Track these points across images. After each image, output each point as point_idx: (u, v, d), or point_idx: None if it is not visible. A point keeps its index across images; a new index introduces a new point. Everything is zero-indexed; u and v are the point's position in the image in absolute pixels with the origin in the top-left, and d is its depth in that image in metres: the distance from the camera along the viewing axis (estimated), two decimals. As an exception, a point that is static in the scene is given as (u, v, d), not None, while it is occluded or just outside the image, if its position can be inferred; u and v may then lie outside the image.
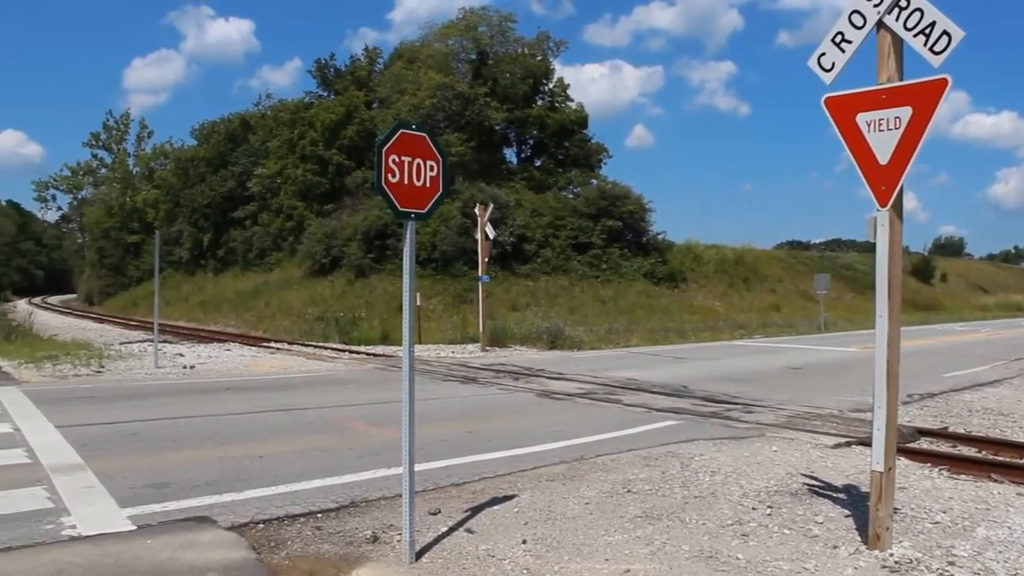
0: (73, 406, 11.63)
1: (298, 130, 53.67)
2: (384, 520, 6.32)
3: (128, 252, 74.58)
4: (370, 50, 61.53)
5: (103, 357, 18.79)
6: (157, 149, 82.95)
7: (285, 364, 19.65)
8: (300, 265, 47.00)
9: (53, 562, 5.26)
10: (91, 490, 6.92)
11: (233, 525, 6.11)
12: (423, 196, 5.55)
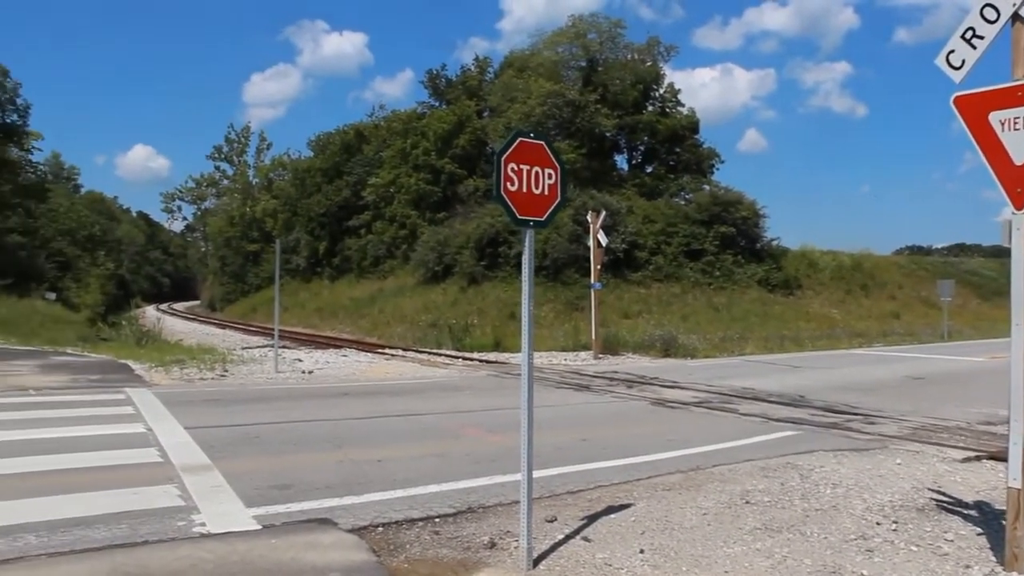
0: (200, 408, 12.04)
1: (411, 140, 54.51)
2: (501, 526, 6.35)
3: (248, 260, 76.95)
4: (480, 60, 62.20)
5: (227, 361, 19.41)
6: (275, 160, 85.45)
7: (400, 370, 19.96)
8: (413, 273, 47.67)
9: (186, 557, 5.46)
10: (218, 490, 7.14)
11: (353, 528, 6.22)
12: (542, 204, 5.56)
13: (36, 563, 5.32)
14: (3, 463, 7.94)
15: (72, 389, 14.04)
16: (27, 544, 5.64)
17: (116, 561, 5.37)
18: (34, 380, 14.92)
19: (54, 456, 8.29)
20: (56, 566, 5.28)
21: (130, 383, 14.88)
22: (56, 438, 9.26)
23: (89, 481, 7.35)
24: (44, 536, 5.79)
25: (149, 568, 5.26)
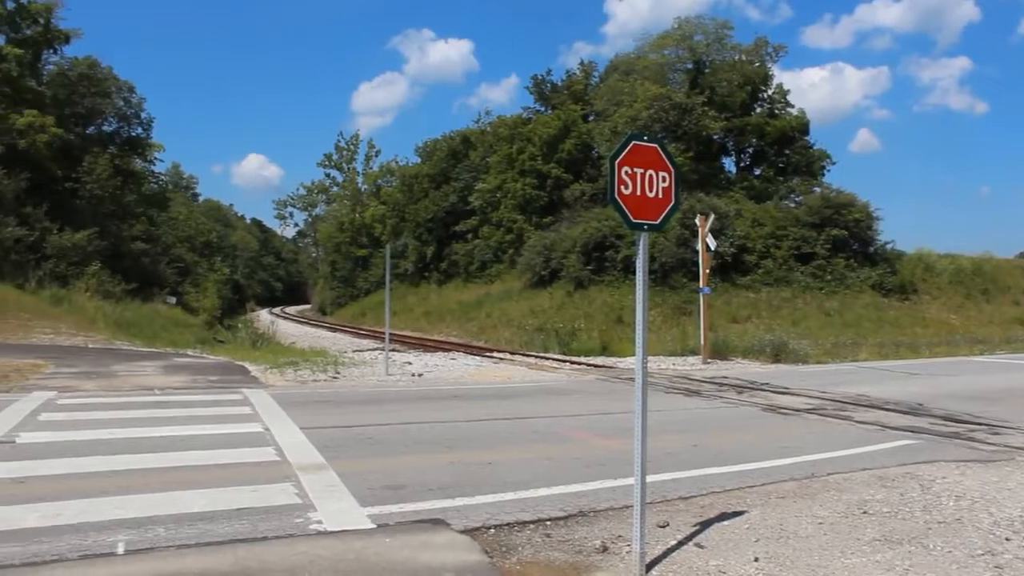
0: (313, 409, 12.31)
1: (517, 145, 54.82)
2: (612, 530, 6.33)
3: (357, 265, 78.51)
4: (585, 64, 62.17)
5: (338, 364, 19.80)
6: (383, 167, 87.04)
7: (508, 374, 20.07)
8: (520, 277, 47.91)
9: (304, 553, 5.60)
10: (334, 489, 7.29)
11: (466, 529, 6.28)
12: (656, 207, 5.53)
13: (165, 554, 5.54)
14: (133, 458, 8.28)
15: (193, 389, 14.53)
16: (156, 536, 5.88)
17: (238, 555, 5.55)
18: (158, 380, 15.50)
19: (178, 453, 8.62)
20: (183, 558, 5.48)
21: (247, 384, 15.32)
22: (180, 436, 9.61)
23: (211, 478, 7.61)
24: (172, 529, 6.04)
25: (268, 563, 5.41)
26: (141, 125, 52.02)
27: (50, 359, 18.20)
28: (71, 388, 13.87)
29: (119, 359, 19.41)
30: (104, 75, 48.48)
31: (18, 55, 41.61)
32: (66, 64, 47.22)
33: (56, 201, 39.85)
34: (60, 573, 5.17)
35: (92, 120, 49.23)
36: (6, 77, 40.61)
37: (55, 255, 36.28)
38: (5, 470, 7.65)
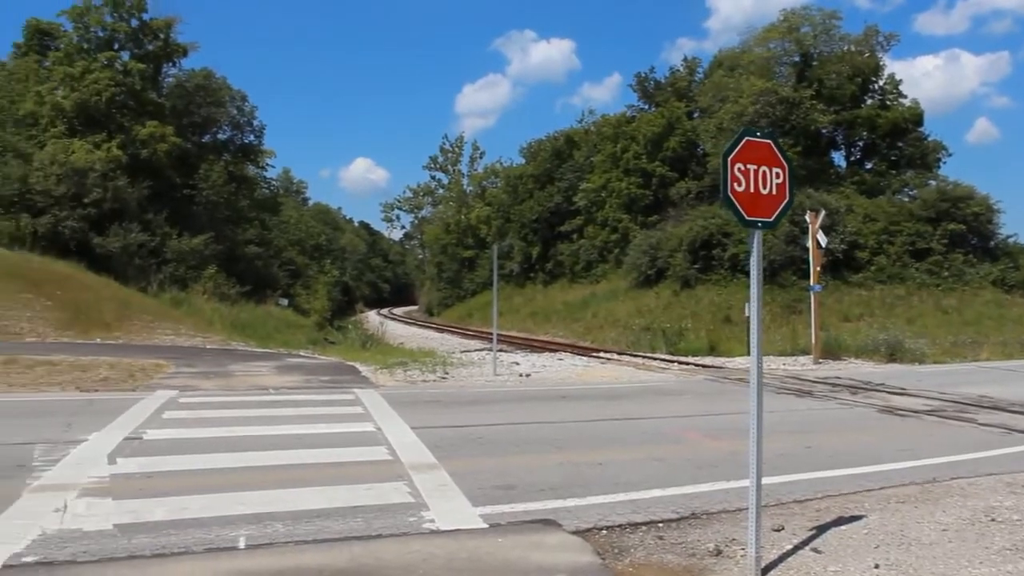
0: (423, 409, 12.46)
1: (621, 144, 54.55)
2: (726, 533, 6.23)
3: (463, 266, 79.21)
4: (689, 60, 61.50)
5: (447, 364, 20.00)
6: (488, 169, 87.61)
7: (615, 374, 19.97)
8: (626, 276, 47.67)
9: (418, 552, 5.67)
10: (445, 488, 7.36)
11: (577, 530, 6.26)
12: (770, 204, 5.42)
13: (283, 549, 5.69)
14: (252, 456, 8.54)
15: (306, 389, 14.88)
16: (275, 532, 6.04)
17: (354, 552, 5.66)
18: (272, 380, 15.93)
19: (294, 451, 8.83)
20: (301, 554, 5.62)
21: (358, 384, 15.60)
22: (295, 434, 9.85)
23: (326, 476, 7.78)
24: (290, 524, 6.18)
25: (383, 561, 5.50)
26: (253, 132, 53.71)
27: (171, 359, 18.89)
28: (191, 387, 14.37)
29: (235, 359, 20.02)
30: (219, 85, 50.16)
31: (141, 69, 43.46)
32: (184, 76, 49.10)
33: (175, 207, 41.39)
34: (187, 565, 5.36)
35: (208, 129, 51.02)
36: (130, 91, 42.42)
37: (175, 259, 37.72)
38: (135, 465, 7.98)
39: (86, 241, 34.48)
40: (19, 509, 6.42)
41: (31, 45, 47.43)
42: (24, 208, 33.75)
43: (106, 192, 35.61)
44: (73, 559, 5.41)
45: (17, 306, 25.86)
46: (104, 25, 44.54)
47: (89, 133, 40.01)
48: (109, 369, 16.57)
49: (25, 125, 40.87)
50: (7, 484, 7.16)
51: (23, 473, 7.57)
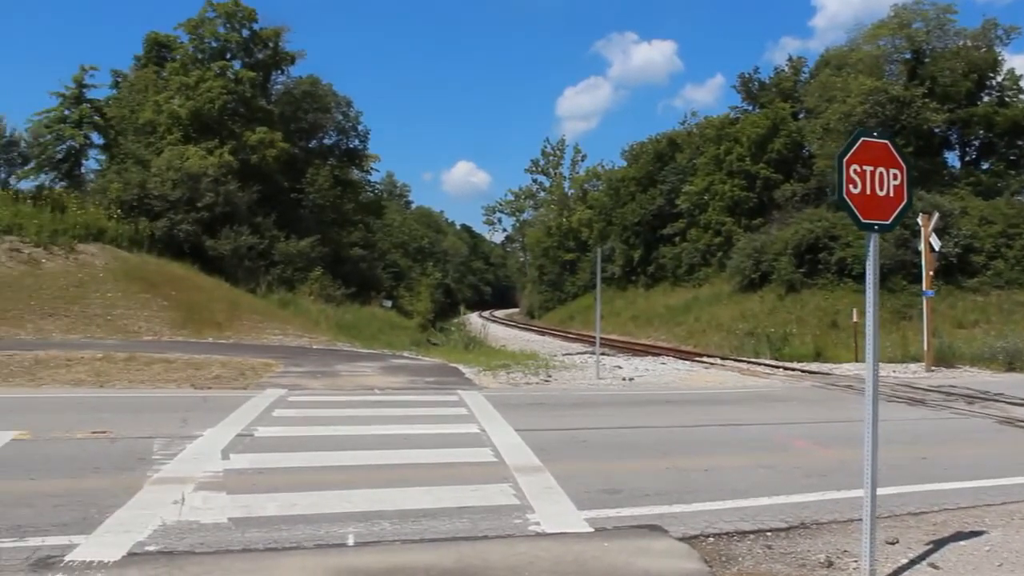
0: (527, 411, 12.49)
1: (724, 146, 53.81)
2: (837, 544, 6.07)
3: (565, 269, 79.22)
4: (794, 60, 60.16)
5: (549, 367, 19.99)
6: (589, 171, 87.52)
7: (720, 379, 19.67)
8: (729, 280, 46.98)
9: (524, 554, 5.69)
10: (550, 491, 7.35)
11: (684, 536, 6.19)
12: (887, 206, 5.26)
13: (391, 548, 5.79)
14: (359, 455, 8.70)
15: (410, 390, 15.09)
16: (383, 530, 6.15)
17: (461, 552, 5.71)
18: (378, 380, 16.19)
19: (400, 451, 8.96)
20: (409, 552, 5.70)
21: (461, 386, 15.73)
22: (401, 434, 9.99)
23: (432, 476, 7.88)
24: (397, 523, 6.28)
25: (490, 562, 5.54)
26: (358, 137, 54.80)
27: (280, 358, 19.38)
28: (299, 386, 14.71)
29: (341, 359, 20.42)
30: (325, 92, 51.32)
31: (251, 77, 44.81)
32: (292, 83, 50.46)
33: (283, 211, 42.45)
34: (298, 560, 5.50)
35: (314, 134, 52.25)
36: (241, 98, 43.76)
37: (282, 261, 38.69)
38: (247, 461, 8.22)
39: (199, 243, 35.65)
40: (141, 500, 6.69)
41: (150, 57, 49.33)
42: (143, 212, 35.06)
43: (218, 196, 36.76)
44: (191, 550, 5.62)
45: (136, 306, 26.92)
46: (217, 36, 46.12)
47: (203, 139, 41.38)
48: (221, 367, 17.11)
49: (144, 133, 42.48)
50: (130, 476, 7.48)
51: (144, 466, 7.89)
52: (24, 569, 5.21)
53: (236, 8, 45.97)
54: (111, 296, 27.25)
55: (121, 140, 41.39)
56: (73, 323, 24.65)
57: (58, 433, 9.54)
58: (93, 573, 5.17)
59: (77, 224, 31.40)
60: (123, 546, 5.61)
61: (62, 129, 38.52)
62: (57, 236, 30.16)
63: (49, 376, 15.60)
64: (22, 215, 30.84)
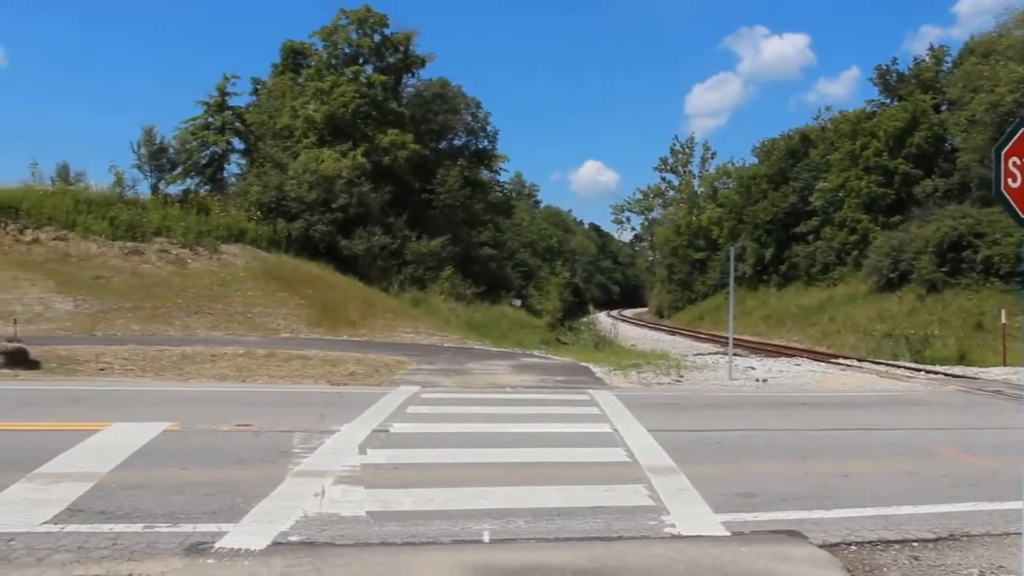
0: (658, 412, 12.35)
1: (860, 141, 52.06)
2: (991, 559, 5.79)
3: (694, 268, 78.14)
4: (935, 49, 57.53)
5: (680, 367, 19.75)
6: (720, 169, 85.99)
7: (857, 381, 19.04)
8: (865, 280, 45.44)
9: (659, 555, 5.64)
10: (685, 492, 7.25)
11: (825, 543, 6.02)
12: (1049, 202, 4.98)
13: (526, 546, 5.82)
14: (492, 452, 8.80)
15: (541, 388, 15.15)
16: (517, 528, 6.19)
17: (595, 552, 5.69)
18: (509, 379, 16.32)
19: (532, 449, 9.00)
20: (544, 551, 5.72)
21: (592, 385, 15.69)
22: (532, 433, 10.03)
23: (565, 475, 7.87)
24: (531, 521, 6.31)
25: (625, 562, 5.50)
26: (487, 138, 55.36)
27: (412, 356, 19.75)
28: (432, 384, 14.96)
29: (472, 357, 20.67)
30: (454, 93, 52.04)
31: (383, 81, 45.90)
32: (422, 86, 51.41)
33: (414, 211, 43.22)
34: (435, 555, 5.58)
35: (444, 135, 53.03)
36: (373, 102, 44.85)
37: (414, 261, 39.42)
38: (384, 456, 8.40)
39: (334, 243, 36.62)
40: (283, 492, 6.92)
41: (286, 64, 51.13)
42: (280, 214, 36.24)
43: (352, 197, 37.67)
44: (332, 541, 5.78)
45: (274, 304, 27.89)
46: (350, 42, 47.42)
47: (337, 143, 42.57)
48: (356, 364, 17.56)
49: (281, 137, 44.01)
50: (273, 468, 7.75)
51: (285, 459, 8.15)
52: (179, 553, 5.47)
53: (368, 14, 47.13)
54: (251, 295, 28.33)
55: (260, 145, 42.92)
56: (216, 320, 25.72)
57: (205, 425, 9.95)
58: (241, 560, 5.37)
59: (220, 226, 32.88)
60: (268, 535, 5.82)
61: (206, 136, 40.13)
62: (202, 237, 31.62)
63: (195, 371, 16.35)
64: (170, 218, 32.44)
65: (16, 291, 25.62)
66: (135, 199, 34.54)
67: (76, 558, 5.35)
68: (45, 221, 30.18)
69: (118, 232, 30.64)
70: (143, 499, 6.67)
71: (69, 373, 15.73)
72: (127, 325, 24.27)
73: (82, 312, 24.95)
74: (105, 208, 31.82)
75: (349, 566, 5.32)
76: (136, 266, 29.25)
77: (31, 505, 6.41)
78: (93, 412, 10.99)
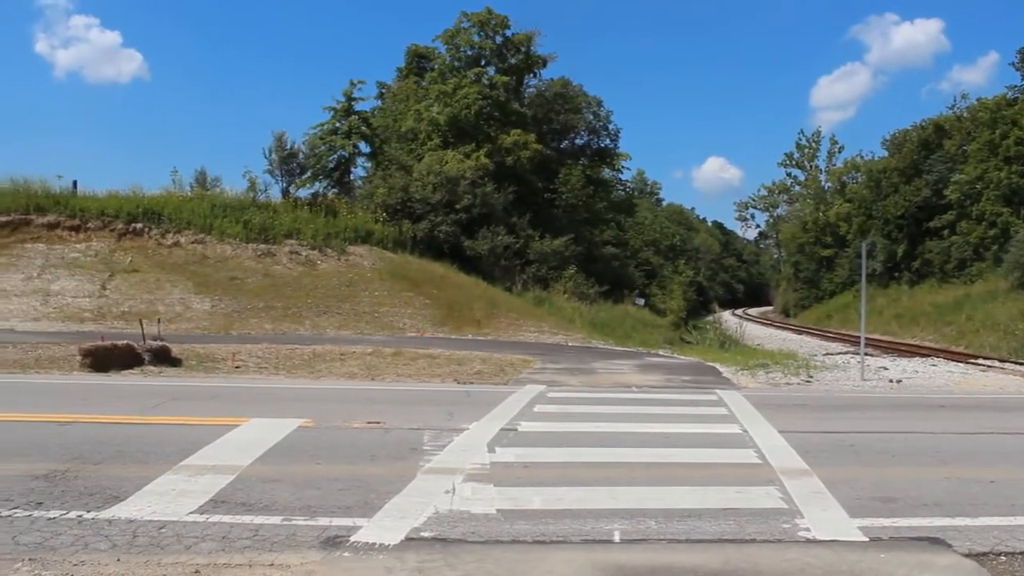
0: (788, 413, 12.07)
1: (1000, 130, 49.80)
2: None
3: (821, 266, 76.16)
4: (1086, 31, 54.65)
5: (809, 367, 19.25)
6: (848, 163, 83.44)
7: (999, 383, 18.17)
8: (1006, 276, 43.41)
9: (794, 560, 5.52)
10: (819, 496, 7.06)
11: (970, 552, 5.75)
12: None
13: (657, 546, 5.78)
14: (619, 452, 8.76)
15: (667, 388, 15.00)
16: (648, 528, 6.15)
17: (728, 555, 5.61)
18: (634, 378, 16.23)
19: (660, 449, 8.92)
20: (675, 552, 5.67)
21: (719, 385, 15.47)
22: (660, 433, 9.94)
23: (694, 476, 7.78)
24: (662, 522, 6.26)
25: (759, 566, 5.41)
26: (609, 136, 55.20)
27: (536, 355, 19.85)
28: (558, 383, 15.01)
29: (596, 357, 20.64)
30: (575, 92, 52.10)
31: (505, 82, 46.31)
32: (543, 86, 51.68)
33: (537, 211, 43.46)
34: (566, 554, 5.60)
35: (565, 135, 53.14)
36: (496, 103, 45.31)
37: (537, 260, 39.63)
38: (512, 455, 8.47)
39: (458, 244, 37.10)
40: (415, 488, 7.06)
41: (411, 68, 52.17)
42: (405, 215, 36.95)
43: (475, 198, 38.09)
44: (463, 538, 5.86)
45: (400, 303, 28.46)
46: (472, 44, 48.00)
47: (460, 144, 43.15)
48: (482, 363, 17.75)
49: (406, 140, 44.91)
50: (404, 465, 7.91)
51: (416, 456, 8.31)
52: (316, 546, 5.63)
53: (489, 16, 47.62)
54: (378, 294, 28.97)
55: (385, 148, 43.87)
56: (344, 320, 26.40)
57: (337, 422, 10.23)
58: (376, 555, 5.50)
59: (347, 228, 33.79)
60: (401, 531, 5.94)
61: (334, 140, 41.23)
62: (330, 239, 32.54)
63: (326, 369, 16.81)
64: (300, 220, 33.53)
65: (159, 292, 26.93)
66: (267, 203, 35.85)
67: (221, 547, 5.58)
68: (184, 225, 31.65)
69: (251, 235, 31.86)
70: (281, 492, 6.90)
71: (208, 370, 16.41)
72: (260, 324, 25.17)
73: (218, 312, 26.01)
74: (239, 212, 33.15)
75: (481, 563, 5.38)
76: (268, 267, 30.30)
77: (178, 495, 6.72)
78: (231, 408, 11.46)
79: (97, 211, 31.67)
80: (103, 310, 25.43)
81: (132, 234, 30.98)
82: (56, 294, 26.33)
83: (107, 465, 7.82)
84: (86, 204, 32.17)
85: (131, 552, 5.47)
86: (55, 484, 7.07)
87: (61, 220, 30.97)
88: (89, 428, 9.77)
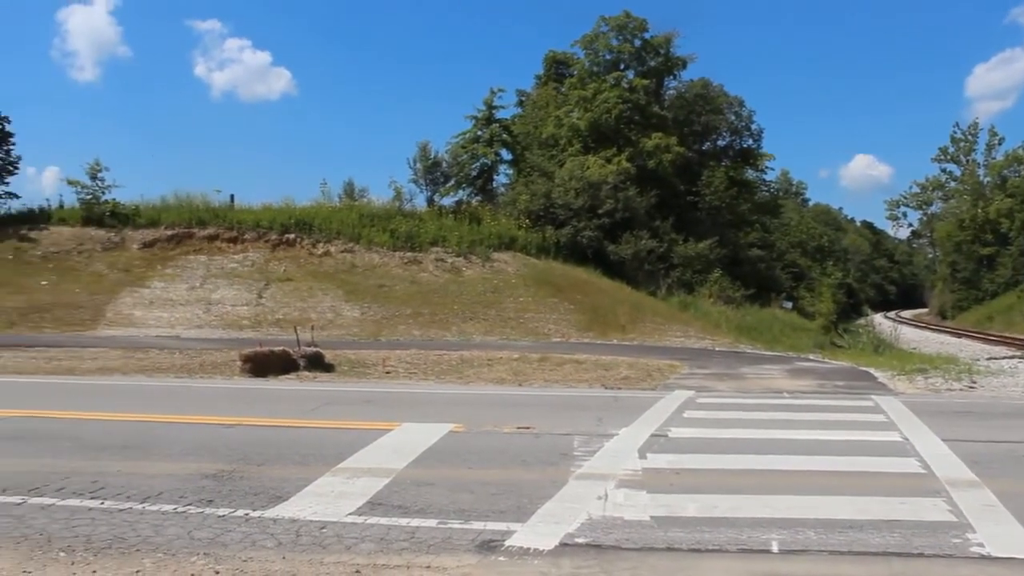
0: (951, 420, 11.52)
1: None
2: None
3: (981, 265, 72.58)
4: None
5: (972, 372, 18.31)
6: (1009, 156, 79.14)
7: None
8: None
9: (965, 577, 5.27)
10: (992, 509, 6.69)
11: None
12: None
13: (817, 558, 5.60)
14: (772, 459, 8.54)
15: (819, 394, 14.56)
16: (807, 539, 5.96)
17: (894, 569, 5.40)
18: (784, 384, 15.82)
19: (815, 457, 8.66)
20: (836, 564, 5.49)
21: (875, 391, 14.90)
22: (814, 440, 9.67)
23: (853, 485, 7.48)
24: (821, 533, 6.06)
25: (928, 581, 5.19)
26: (751, 137, 54.23)
27: (683, 360, 19.61)
28: (706, 388, 14.78)
29: (744, 362, 20.24)
30: (716, 93, 51.39)
31: (644, 85, 46.10)
32: (683, 87, 51.27)
33: (680, 214, 43.03)
34: (722, 563, 5.51)
35: (707, 136, 52.48)
36: (636, 106, 45.14)
37: (681, 264, 39.22)
38: (664, 461, 8.38)
39: (601, 248, 37.04)
40: (567, 494, 7.07)
41: (549, 75, 52.52)
42: (548, 221, 37.16)
43: (618, 203, 37.97)
44: (618, 545, 5.82)
45: (544, 309, 28.60)
46: (611, 48, 47.94)
47: (601, 149, 43.14)
48: (628, 368, 17.66)
49: (547, 146, 45.22)
50: (555, 470, 7.95)
51: (567, 461, 8.33)
52: (471, 550, 5.72)
53: (628, 20, 47.45)
54: (522, 300, 29.21)
55: (527, 155, 44.27)
56: (490, 325, 26.71)
57: (488, 427, 10.35)
58: (531, 560, 5.53)
59: (491, 234, 34.26)
60: (555, 536, 5.95)
61: (476, 148, 41.96)
62: (474, 246, 33.06)
63: (474, 374, 17.07)
64: (445, 228, 34.22)
65: (311, 300, 27.93)
66: (412, 211, 36.82)
67: (379, 548, 5.74)
68: (334, 235, 32.82)
69: (398, 243, 32.74)
70: (435, 496, 7.03)
71: (359, 376, 16.91)
72: (408, 330, 25.75)
73: (367, 318, 26.76)
74: (386, 221, 34.13)
75: (636, 570, 5.34)
76: (415, 274, 31.01)
77: (337, 497, 6.95)
78: (383, 412, 11.79)
79: (252, 223, 33.26)
80: (259, 317, 26.59)
81: (285, 244, 32.35)
82: (217, 303, 27.70)
83: (269, 466, 8.17)
84: (242, 216, 33.84)
85: (295, 550, 5.70)
86: (223, 483, 7.45)
87: (220, 232, 32.68)
88: (252, 431, 10.24)
